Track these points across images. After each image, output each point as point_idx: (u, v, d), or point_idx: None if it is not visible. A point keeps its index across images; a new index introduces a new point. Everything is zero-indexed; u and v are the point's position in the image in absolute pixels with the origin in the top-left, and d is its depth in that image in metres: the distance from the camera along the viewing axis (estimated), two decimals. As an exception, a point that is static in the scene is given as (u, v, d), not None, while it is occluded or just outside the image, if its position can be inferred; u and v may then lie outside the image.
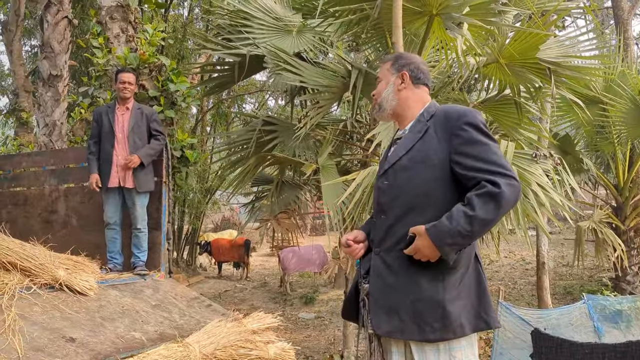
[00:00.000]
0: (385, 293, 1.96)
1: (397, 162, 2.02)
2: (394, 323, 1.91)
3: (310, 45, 5.49)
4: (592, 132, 7.80)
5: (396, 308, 1.92)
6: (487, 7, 4.29)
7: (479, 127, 1.92)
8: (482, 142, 1.89)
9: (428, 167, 1.94)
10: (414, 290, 1.90)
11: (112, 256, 4.48)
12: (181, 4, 14.68)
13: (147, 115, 4.59)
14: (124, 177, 4.40)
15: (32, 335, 2.69)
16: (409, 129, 2.10)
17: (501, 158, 1.89)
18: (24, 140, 8.47)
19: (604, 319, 5.79)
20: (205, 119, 15.66)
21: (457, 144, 1.91)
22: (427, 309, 1.87)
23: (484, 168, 1.84)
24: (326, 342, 7.91)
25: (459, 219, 1.81)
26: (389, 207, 2.02)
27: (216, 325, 3.44)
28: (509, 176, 1.83)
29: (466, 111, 1.97)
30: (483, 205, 1.79)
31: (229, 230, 18.69)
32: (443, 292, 1.88)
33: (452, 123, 1.95)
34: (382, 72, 2.21)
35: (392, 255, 1.97)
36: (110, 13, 5.58)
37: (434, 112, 2.07)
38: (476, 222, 1.79)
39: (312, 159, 5.37)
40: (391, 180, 2.03)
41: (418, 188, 1.95)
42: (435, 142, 1.96)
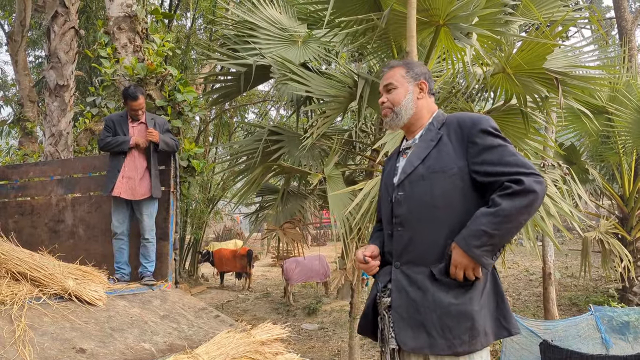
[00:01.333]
0: (410, 309, 1.93)
1: (413, 172, 1.99)
2: (421, 339, 1.88)
3: (315, 55, 5.51)
4: (598, 142, 7.81)
5: (423, 324, 1.89)
6: (494, 17, 4.31)
7: (493, 132, 1.91)
8: (499, 146, 1.88)
9: (447, 177, 1.91)
10: (440, 304, 1.87)
11: (120, 266, 4.46)
12: (184, 14, 14.78)
13: (159, 124, 4.64)
14: (128, 188, 4.40)
15: (43, 346, 2.66)
16: (420, 138, 2.07)
17: (521, 158, 1.88)
18: (29, 150, 8.49)
19: (611, 331, 5.74)
20: (208, 129, 15.69)
21: (475, 152, 1.90)
22: (455, 323, 1.84)
23: (505, 171, 1.83)
24: (330, 353, 7.85)
25: (481, 219, 1.80)
26: (406, 219, 1.98)
27: (225, 336, 3.42)
28: (531, 173, 1.81)
29: (479, 118, 1.96)
30: (508, 199, 1.77)
31: (234, 240, 18.65)
32: (470, 304, 1.85)
33: (466, 131, 1.94)
34: (396, 79, 2.13)
35: (416, 270, 1.94)
36: (118, 23, 5.61)
37: (443, 120, 2.05)
38: (501, 215, 1.76)
39: (318, 169, 5.37)
40: (408, 191, 1.99)
41: (438, 199, 1.92)
42: (451, 149, 1.94)
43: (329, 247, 19.27)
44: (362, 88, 4.56)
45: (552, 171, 4.55)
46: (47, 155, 6.35)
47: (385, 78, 2.16)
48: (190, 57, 12.53)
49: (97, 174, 5.03)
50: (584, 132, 7.69)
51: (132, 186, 4.39)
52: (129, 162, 4.43)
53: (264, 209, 6.65)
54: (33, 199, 5.35)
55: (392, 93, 2.13)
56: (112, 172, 4.44)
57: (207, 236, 20.48)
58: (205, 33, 14.56)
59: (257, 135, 5.81)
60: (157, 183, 4.52)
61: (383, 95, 2.16)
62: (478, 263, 1.81)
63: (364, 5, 4.74)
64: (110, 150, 4.50)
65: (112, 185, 4.38)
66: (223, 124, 15.79)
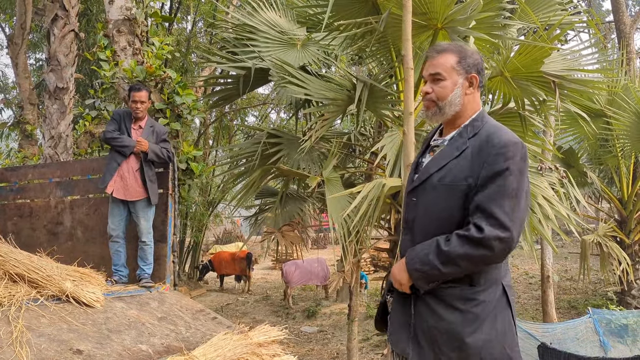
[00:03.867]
0: (405, 314, 1.92)
1: (427, 180, 1.91)
2: (412, 346, 1.87)
3: (314, 58, 5.53)
4: (596, 146, 7.82)
5: (415, 332, 1.87)
6: (492, 21, 4.33)
7: (513, 164, 1.76)
8: (504, 183, 1.75)
9: (454, 192, 1.83)
10: (433, 316, 1.84)
11: (117, 269, 4.47)
12: (184, 18, 14.83)
13: (157, 132, 4.63)
14: (122, 188, 4.40)
15: (40, 347, 2.67)
16: (450, 141, 1.94)
17: (510, 208, 1.74)
18: (28, 153, 8.50)
19: (609, 334, 5.75)
20: (208, 132, 15.72)
21: (483, 174, 1.78)
22: (444, 338, 1.81)
23: (483, 209, 1.74)
24: (329, 356, 7.85)
25: (433, 249, 1.79)
26: (412, 225, 1.95)
27: (222, 338, 3.42)
28: (502, 227, 1.71)
29: (509, 143, 1.79)
30: (459, 242, 1.74)
31: (235, 242, 18.65)
32: (461, 324, 1.79)
33: (489, 150, 1.80)
34: (445, 68, 1.90)
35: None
36: (118, 26, 5.63)
37: (478, 128, 1.89)
38: (443, 257, 1.75)
39: (316, 172, 5.38)
40: (419, 198, 1.94)
41: (441, 212, 1.86)
42: (467, 165, 1.82)
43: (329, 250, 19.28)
44: (361, 91, 4.58)
45: (549, 174, 4.56)
46: (47, 157, 6.37)
47: (433, 65, 1.92)
48: (190, 60, 12.57)
49: (97, 176, 5.04)
50: (582, 136, 7.70)
51: (125, 186, 4.39)
52: (125, 162, 4.44)
53: (263, 211, 6.66)
54: (32, 201, 5.36)
55: (439, 85, 1.91)
56: (111, 165, 4.42)
57: (207, 239, 20.48)
58: (205, 36, 14.61)
59: (257, 138, 5.82)
60: (154, 188, 4.50)
61: (428, 84, 1.94)
62: (414, 282, 1.83)
63: (362, 8, 4.75)
64: (111, 145, 4.49)
65: (110, 179, 4.37)
66: (223, 127, 15.82)
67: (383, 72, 5.27)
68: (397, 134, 4.60)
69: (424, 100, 1.95)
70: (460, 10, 4.09)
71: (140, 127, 4.57)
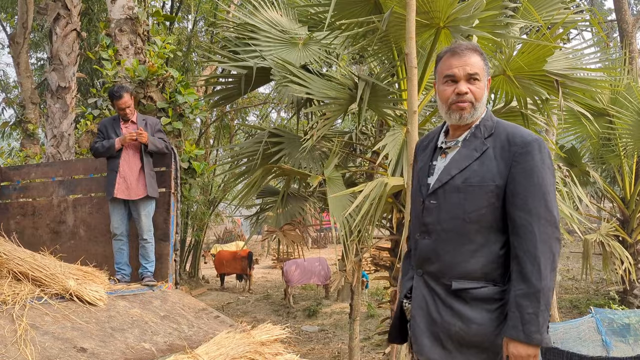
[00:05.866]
0: (428, 319, 1.88)
1: (450, 181, 1.86)
2: (437, 350, 1.85)
3: (316, 57, 5.53)
4: (599, 145, 7.81)
5: (439, 336, 1.85)
6: (494, 20, 4.32)
7: (542, 159, 1.79)
8: (540, 181, 1.77)
9: (483, 193, 1.81)
10: (459, 320, 1.82)
11: (120, 267, 4.48)
12: (185, 17, 14.83)
13: (151, 125, 4.63)
14: (125, 189, 4.41)
15: (44, 345, 2.68)
16: (463, 142, 1.91)
17: (553, 201, 1.78)
18: (30, 152, 8.51)
19: (612, 333, 5.74)
20: (209, 131, 15.73)
21: (514, 173, 1.79)
22: (474, 341, 1.80)
23: (527, 209, 1.76)
24: (330, 355, 7.85)
25: (522, 301, 1.72)
26: (434, 229, 1.90)
27: (225, 337, 3.43)
28: (555, 227, 1.76)
29: (532, 139, 1.81)
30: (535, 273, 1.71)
31: (235, 241, 18.66)
32: (491, 324, 1.80)
33: (515, 149, 1.80)
34: (480, 69, 1.87)
35: (437, 281, 1.89)
36: (120, 25, 5.64)
37: (492, 128, 1.89)
38: (545, 295, 1.72)
39: (318, 171, 5.38)
40: (440, 200, 1.89)
41: (470, 214, 1.82)
42: (494, 166, 1.82)
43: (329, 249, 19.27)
44: (363, 90, 4.58)
45: (552, 173, 4.55)
46: (49, 156, 6.37)
47: (469, 64, 1.86)
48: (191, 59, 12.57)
49: (99, 175, 5.05)
50: (584, 135, 7.69)
51: (128, 186, 4.40)
52: (124, 162, 4.44)
53: (264, 211, 6.66)
54: (35, 200, 5.36)
55: (476, 86, 1.87)
56: (111, 175, 4.46)
57: (208, 238, 20.50)
58: (206, 35, 14.60)
59: (258, 138, 5.82)
60: (152, 182, 4.51)
61: (463, 83, 1.87)
62: (540, 346, 1.73)
63: (364, 7, 4.75)
64: (101, 156, 4.55)
65: (113, 189, 4.39)
66: (224, 126, 15.82)
67: (385, 70, 5.27)
68: (399, 132, 4.59)
69: (460, 101, 1.87)
70: (463, 8, 4.08)
71: (132, 122, 4.57)
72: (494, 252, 1.83)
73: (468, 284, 1.83)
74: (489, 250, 1.83)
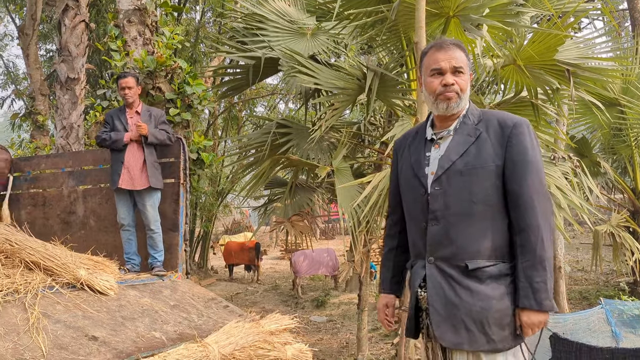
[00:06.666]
0: (447, 304, 1.93)
1: (451, 167, 1.96)
2: (460, 334, 1.90)
3: (324, 47, 5.50)
4: (609, 135, 7.73)
5: (461, 319, 1.90)
6: (505, 9, 4.28)
7: (532, 139, 1.95)
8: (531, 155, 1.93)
9: (486, 174, 1.93)
10: (479, 300, 1.89)
11: (129, 257, 4.51)
12: (193, 8, 14.81)
13: (155, 117, 4.62)
14: (129, 179, 4.43)
15: (56, 333, 2.71)
16: (455, 130, 2.02)
17: (544, 175, 1.94)
18: (40, 143, 8.57)
19: (621, 324, 5.71)
20: (217, 122, 15.75)
21: (511, 152, 1.93)
22: (494, 319, 1.87)
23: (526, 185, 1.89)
24: (338, 345, 7.89)
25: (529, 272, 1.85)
26: (442, 214, 1.96)
27: (234, 326, 3.45)
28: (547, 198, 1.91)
29: (522, 121, 1.97)
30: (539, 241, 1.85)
31: (243, 232, 18.74)
32: (506, 299, 1.89)
33: (507, 131, 1.95)
34: (464, 63, 2.02)
35: (451, 265, 1.94)
36: (128, 16, 5.64)
37: (479, 115, 2.04)
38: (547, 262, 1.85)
39: (326, 162, 5.37)
40: (445, 186, 1.97)
41: (475, 195, 1.93)
42: (490, 147, 1.95)
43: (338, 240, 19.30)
44: (371, 80, 4.55)
45: (562, 164, 4.52)
46: (59, 147, 6.41)
47: (455, 58, 2.00)
48: (199, 50, 12.56)
49: (108, 166, 5.07)
50: (595, 125, 7.61)
51: (132, 176, 4.42)
52: (129, 153, 4.46)
53: (273, 201, 6.67)
54: (45, 190, 5.41)
55: (461, 78, 2.01)
56: (116, 165, 4.47)
57: (217, 229, 20.59)
58: (214, 26, 14.58)
59: (266, 128, 5.82)
60: (156, 173, 4.50)
61: (449, 76, 2.00)
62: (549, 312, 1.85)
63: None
64: (106, 147, 4.57)
65: (118, 178, 4.42)
66: (232, 118, 15.83)
67: (394, 60, 5.24)
68: (408, 123, 4.57)
69: (448, 92, 1.99)
70: (473, -3, 4.04)
71: (137, 112, 4.58)
72: (501, 230, 1.94)
73: (482, 262, 1.92)
74: (497, 228, 1.93)
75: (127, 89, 4.52)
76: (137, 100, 4.63)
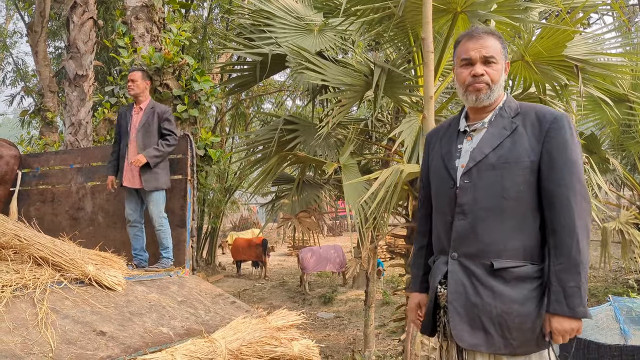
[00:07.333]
0: (467, 304, 1.86)
1: (484, 159, 1.88)
2: (478, 335, 1.83)
3: (331, 44, 5.49)
4: (619, 131, 7.65)
5: (480, 320, 1.83)
6: (513, 4, 4.24)
7: (572, 134, 1.84)
8: (572, 155, 1.82)
9: (519, 169, 1.84)
10: (501, 301, 1.81)
11: (137, 253, 4.54)
12: (201, 4, 14.81)
13: (158, 113, 4.56)
14: (131, 177, 4.46)
15: (64, 328, 2.73)
16: (490, 122, 1.94)
17: (582, 173, 1.83)
18: (49, 140, 8.64)
19: (630, 322, 5.67)
20: (224, 119, 15.78)
21: (549, 148, 1.83)
22: (514, 323, 1.80)
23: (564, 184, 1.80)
24: (345, 341, 7.90)
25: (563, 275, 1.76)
26: (470, 208, 1.88)
27: (241, 322, 3.46)
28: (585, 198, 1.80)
29: (562, 115, 1.87)
30: (578, 242, 1.75)
31: (251, 229, 18.82)
32: (533, 304, 1.81)
33: (546, 125, 1.85)
34: (497, 52, 1.92)
35: (475, 262, 1.87)
36: (136, 13, 5.66)
37: (516, 108, 1.94)
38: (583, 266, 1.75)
39: (333, 158, 5.37)
40: (475, 179, 1.89)
41: (507, 191, 1.84)
42: (526, 142, 1.86)
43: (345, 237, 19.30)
44: (379, 77, 4.54)
45: (570, 160, 4.48)
46: (67, 144, 6.46)
47: (485, 47, 1.91)
48: (207, 46, 12.57)
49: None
50: (604, 121, 7.53)
51: (133, 175, 4.46)
52: (131, 153, 4.49)
53: (280, 198, 6.68)
54: (54, 187, 5.45)
55: (492, 68, 1.92)
56: (122, 162, 4.55)
57: (224, 226, 20.67)
58: (221, 23, 14.59)
59: (273, 125, 5.82)
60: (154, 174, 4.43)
61: (479, 66, 1.91)
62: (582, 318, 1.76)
63: (380, -7, 4.69)
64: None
65: (122, 176, 4.50)
66: (239, 114, 15.85)
67: (401, 57, 5.22)
68: (415, 119, 4.55)
69: (477, 83, 1.91)
70: (480, -7, 4.02)
71: (140, 109, 4.59)
72: (533, 230, 1.85)
73: (509, 262, 1.83)
74: (529, 227, 1.85)
75: (131, 82, 4.54)
76: (144, 95, 4.61)
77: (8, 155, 5.24)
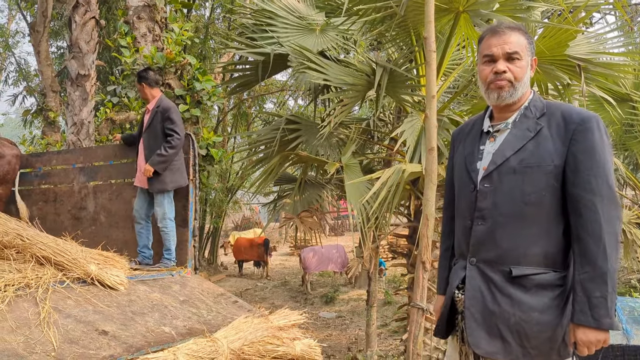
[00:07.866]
0: (485, 310, 1.81)
1: (504, 163, 1.81)
2: (495, 343, 1.78)
3: (333, 43, 5.49)
4: (621, 131, 7.64)
5: (498, 328, 1.78)
6: (515, 3, 4.24)
7: (601, 136, 1.74)
8: (601, 158, 1.73)
9: (542, 174, 1.75)
10: (520, 309, 1.75)
11: (141, 250, 4.57)
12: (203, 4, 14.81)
13: (161, 112, 4.53)
14: (141, 177, 4.52)
15: (67, 327, 2.74)
16: (514, 123, 1.86)
17: (613, 178, 1.74)
18: (52, 139, 8.64)
19: (632, 321, 5.66)
20: (226, 119, 15.79)
21: (575, 151, 1.74)
22: (535, 331, 1.74)
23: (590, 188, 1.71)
24: (347, 341, 7.90)
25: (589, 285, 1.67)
26: (490, 213, 1.82)
27: (243, 321, 3.47)
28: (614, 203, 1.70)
29: (591, 115, 1.76)
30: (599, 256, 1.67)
31: (253, 229, 18.84)
32: (552, 313, 1.75)
33: (572, 127, 1.75)
34: (521, 48, 1.83)
35: (494, 269, 1.81)
36: (138, 13, 5.67)
37: (542, 108, 1.85)
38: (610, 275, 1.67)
39: (335, 158, 5.37)
40: (496, 183, 1.82)
41: (528, 196, 1.76)
42: (550, 145, 1.77)
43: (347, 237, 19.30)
44: (380, 76, 4.54)
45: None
46: (70, 144, 6.47)
47: (509, 43, 1.83)
48: (208, 46, 12.58)
49: (118, 162, 5.11)
50: (607, 121, 7.52)
51: (140, 175, 4.52)
52: (140, 152, 4.56)
53: (282, 198, 6.68)
54: (56, 186, 5.46)
55: (516, 64, 1.83)
56: (134, 162, 4.60)
57: (226, 225, 20.68)
58: (223, 22, 14.59)
59: (275, 125, 5.82)
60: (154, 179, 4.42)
61: (501, 62, 1.84)
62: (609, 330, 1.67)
63: (382, -8, 4.69)
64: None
65: (134, 175, 4.59)
66: (241, 114, 15.86)
67: (403, 56, 5.21)
68: (417, 119, 4.55)
69: (499, 80, 1.84)
70: (483, -8, 4.01)
71: (148, 110, 4.65)
72: (555, 237, 1.78)
73: (529, 269, 1.77)
74: (551, 234, 1.77)
75: (139, 91, 4.63)
76: (150, 96, 4.62)
77: (10, 154, 5.24)
